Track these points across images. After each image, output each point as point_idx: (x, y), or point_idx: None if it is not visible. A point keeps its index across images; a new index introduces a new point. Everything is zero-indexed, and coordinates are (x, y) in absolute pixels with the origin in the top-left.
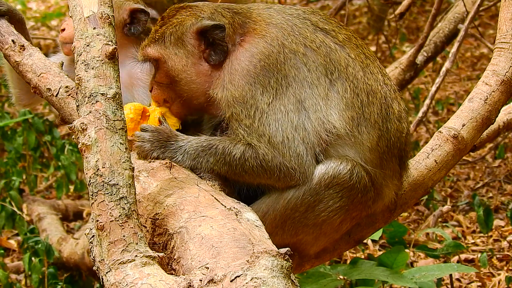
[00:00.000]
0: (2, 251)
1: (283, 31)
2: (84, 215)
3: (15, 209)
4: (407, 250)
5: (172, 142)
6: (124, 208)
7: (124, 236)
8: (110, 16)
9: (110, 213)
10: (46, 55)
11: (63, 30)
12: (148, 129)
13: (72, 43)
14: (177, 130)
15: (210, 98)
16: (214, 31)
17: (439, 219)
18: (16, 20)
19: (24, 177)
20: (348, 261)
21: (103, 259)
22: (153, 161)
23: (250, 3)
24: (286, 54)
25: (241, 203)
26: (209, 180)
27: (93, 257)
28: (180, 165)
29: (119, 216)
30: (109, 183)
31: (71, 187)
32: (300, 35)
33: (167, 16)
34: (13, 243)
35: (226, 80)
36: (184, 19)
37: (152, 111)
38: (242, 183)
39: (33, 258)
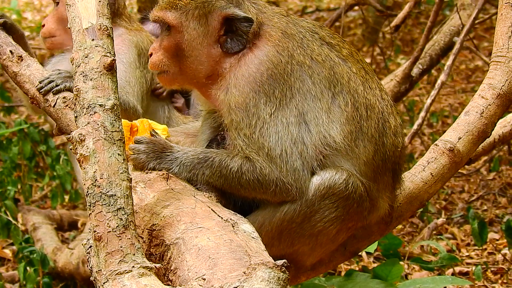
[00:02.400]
0: None
1: (294, 42)
2: (79, 225)
3: (10, 218)
4: (401, 263)
5: (168, 153)
6: (121, 219)
7: (121, 247)
8: (109, 28)
9: (108, 223)
10: (42, 64)
11: (43, 26)
12: (143, 141)
13: (52, 36)
14: (166, 138)
15: (209, 82)
16: (242, 22)
17: (434, 232)
18: (19, 36)
19: (19, 186)
20: (343, 273)
21: (100, 270)
22: (150, 172)
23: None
24: (294, 66)
25: (238, 215)
26: (206, 192)
27: (91, 267)
28: (176, 177)
29: (117, 226)
30: (107, 193)
31: (66, 197)
32: (308, 47)
33: None
34: (8, 252)
35: (231, 83)
36: None
37: (140, 122)
38: (237, 197)
39: (28, 268)
